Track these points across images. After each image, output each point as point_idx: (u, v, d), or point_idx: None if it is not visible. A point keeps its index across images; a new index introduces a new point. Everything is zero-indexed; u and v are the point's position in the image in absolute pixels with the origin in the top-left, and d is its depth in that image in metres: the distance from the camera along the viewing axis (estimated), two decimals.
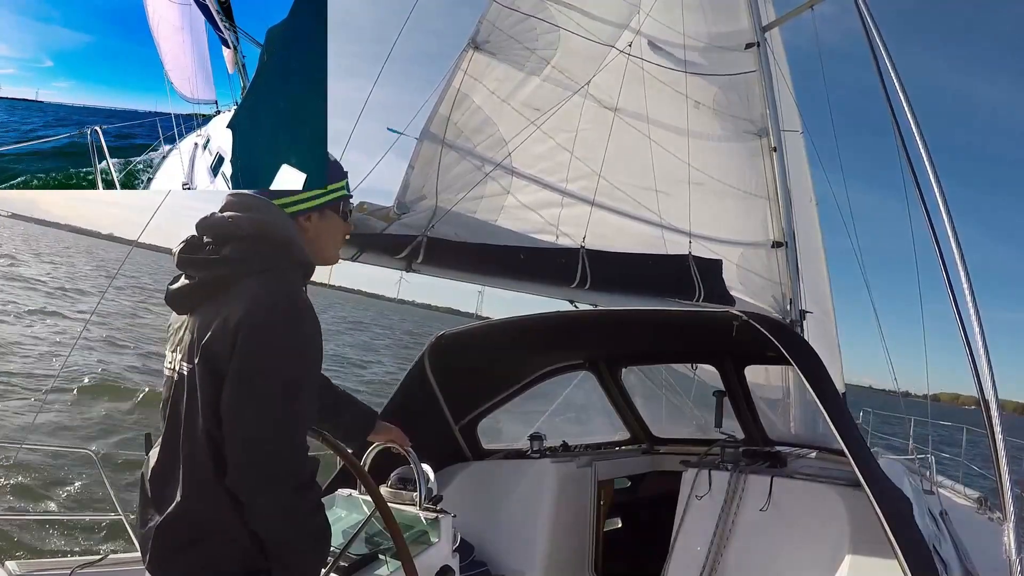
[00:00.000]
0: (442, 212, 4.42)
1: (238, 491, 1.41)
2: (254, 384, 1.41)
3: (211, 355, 1.44)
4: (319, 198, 1.66)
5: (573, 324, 4.15)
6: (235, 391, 1.41)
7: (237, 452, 1.40)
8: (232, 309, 1.44)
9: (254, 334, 1.41)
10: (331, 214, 1.71)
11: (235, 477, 1.41)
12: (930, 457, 5.80)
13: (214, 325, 1.45)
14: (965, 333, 2.27)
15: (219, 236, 1.54)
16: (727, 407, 4.11)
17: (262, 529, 1.44)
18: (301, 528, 1.45)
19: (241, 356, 1.40)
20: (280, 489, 1.41)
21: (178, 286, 1.58)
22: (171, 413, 1.55)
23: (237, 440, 1.40)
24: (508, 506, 3.68)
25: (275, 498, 1.41)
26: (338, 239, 1.76)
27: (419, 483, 2.44)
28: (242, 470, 1.40)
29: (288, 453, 1.42)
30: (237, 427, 1.41)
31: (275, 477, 1.40)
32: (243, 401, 1.41)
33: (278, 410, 1.41)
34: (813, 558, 2.82)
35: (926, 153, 2.58)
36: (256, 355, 1.41)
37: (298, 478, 1.43)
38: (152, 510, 1.55)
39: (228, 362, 1.41)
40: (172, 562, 1.50)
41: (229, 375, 1.41)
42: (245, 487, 1.41)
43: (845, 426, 2.63)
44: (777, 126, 5.97)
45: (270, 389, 1.41)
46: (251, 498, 1.41)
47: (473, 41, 4.90)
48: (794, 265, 5.73)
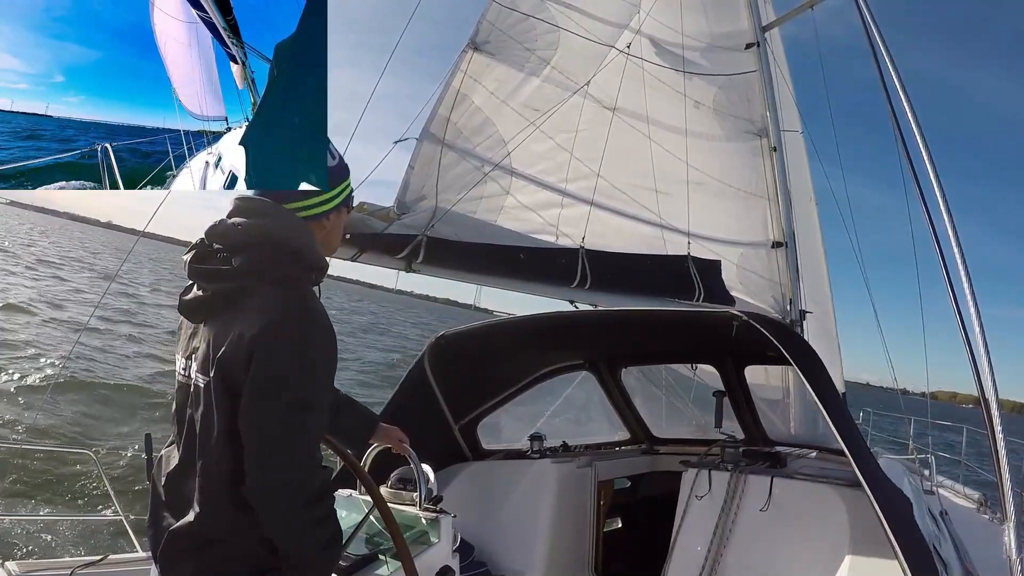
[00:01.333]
0: (442, 212, 4.42)
1: (252, 502, 1.45)
2: (267, 402, 1.43)
3: (226, 370, 1.46)
4: (336, 198, 1.69)
5: (573, 324, 4.15)
6: (250, 408, 1.43)
7: (252, 466, 1.44)
8: (246, 324, 1.45)
9: (268, 351, 1.43)
10: (343, 210, 1.75)
11: (249, 488, 1.45)
12: (930, 457, 5.80)
13: (229, 340, 1.46)
14: (965, 331, 2.27)
15: (229, 244, 1.53)
16: (727, 407, 4.11)
17: (274, 537, 1.48)
18: (310, 539, 1.50)
19: (256, 375, 1.43)
20: (291, 503, 1.45)
21: (190, 297, 1.58)
22: (188, 421, 1.56)
23: (252, 454, 1.44)
24: (508, 506, 3.68)
25: (286, 511, 1.45)
26: (342, 229, 1.80)
27: (419, 483, 2.44)
28: (255, 483, 1.44)
29: (300, 468, 1.46)
30: (252, 442, 1.44)
31: (286, 491, 1.44)
32: (257, 418, 1.44)
33: (292, 428, 1.44)
34: (813, 558, 2.82)
35: (926, 150, 2.58)
36: (270, 373, 1.43)
37: (309, 492, 1.47)
38: (166, 512, 1.58)
39: (243, 377, 1.44)
40: (183, 563, 1.53)
41: (244, 391, 1.43)
42: (258, 499, 1.44)
43: (845, 426, 2.63)
44: (777, 126, 5.97)
45: (283, 407, 1.43)
46: (263, 510, 1.45)
47: (473, 42, 4.90)
48: (794, 265, 5.73)
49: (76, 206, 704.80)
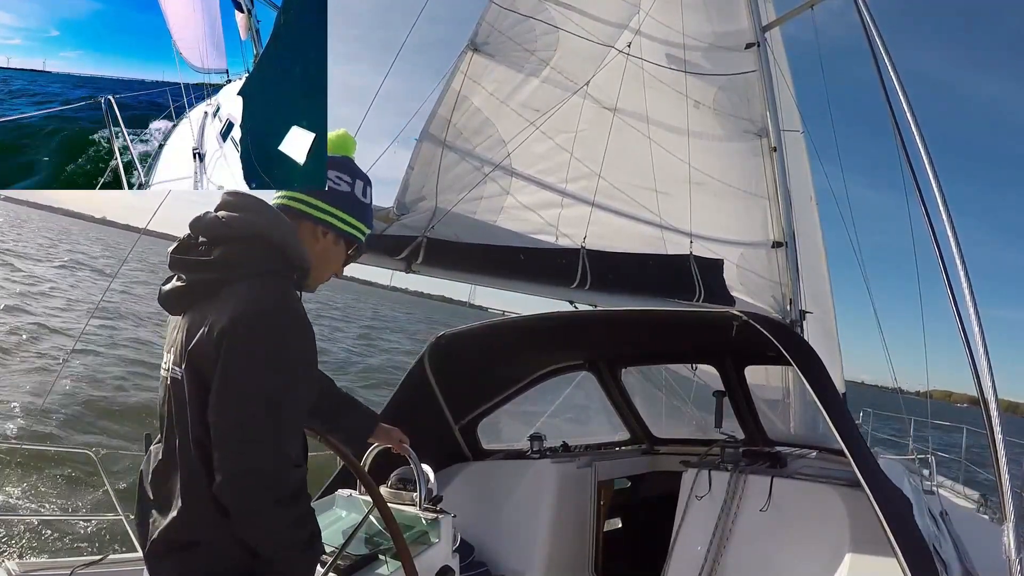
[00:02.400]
0: (442, 213, 4.42)
1: (221, 499, 1.41)
2: (235, 397, 1.40)
3: (197, 362, 1.44)
4: (346, 224, 1.68)
5: (573, 324, 4.15)
6: (217, 402, 1.40)
7: (219, 463, 1.40)
8: (218, 316, 1.43)
9: (236, 345, 1.40)
10: (344, 245, 1.73)
11: (218, 487, 1.41)
12: (930, 457, 5.80)
13: (200, 331, 1.44)
14: (964, 332, 2.27)
15: (211, 237, 1.53)
16: (727, 407, 4.10)
17: (245, 537, 1.44)
18: (283, 541, 1.45)
19: (223, 368, 1.39)
20: (260, 503, 1.40)
21: (169, 288, 1.57)
22: (167, 415, 1.55)
23: (219, 451, 1.40)
24: (508, 506, 3.68)
25: (256, 511, 1.41)
26: (335, 269, 1.77)
27: (419, 483, 2.44)
28: (224, 481, 1.39)
29: (269, 467, 1.41)
30: (219, 438, 1.40)
31: (255, 490, 1.40)
32: (224, 413, 1.40)
33: (259, 423, 1.40)
34: (813, 558, 2.82)
35: (925, 150, 2.58)
36: (237, 367, 1.40)
37: (279, 492, 1.42)
38: (151, 510, 1.56)
39: (212, 369, 1.41)
40: (168, 561, 1.51)
41: (213, 385, 1.41)
42: (226, 498, 1.40)
43: (845, 426, 2.63)
44: (777, 126, 5.97)
45: (251, 402, 1.39)
46: (232, 509, 1.41)
47: (472, 43, 4.91)
48: (794, 265, 5.73)
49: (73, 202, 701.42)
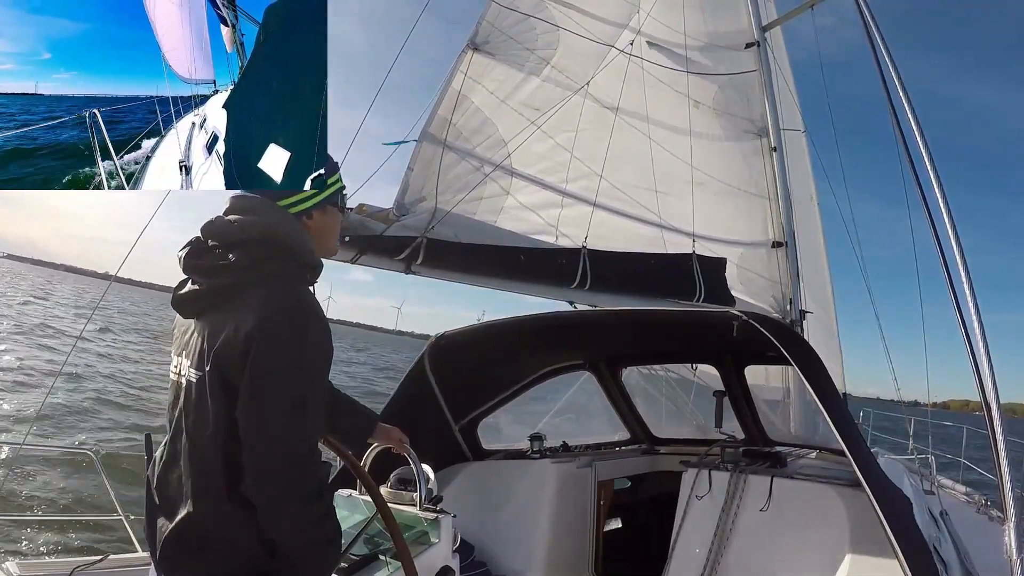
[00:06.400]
0: (442, 213, 4.41)
1: (252, 498, 1.45)
2: (265, 399, 1.43)
3: (222, 365, 1.46)
4: (320, 195, 1.68)
5: (573, 324, 4.14)
6: (247, 405, 1.44)
7: (250, 463, 1.44)
8: (242, 320, 1.46)
9: (264, 349, 1.43)
10: (331, 208, 1.73)
11: (249, 485, 1.45)
12: (930, 457, 5.80)
13: (224, 334, 1.47)
14: (967, 334, 2.27)
15: (225, 241, 1.55)
16: (727, 407, 4.10)
17: (274, 535, 1.48)
18: (310, 536, 1.49)
19: (252, 370, 1.43)
20: (290, 500, 1.44)
21: (186, 291, 1.59)
22: (178, 419, 1.56)
23: (250, 451, 1.44)
24: (508, 506, 3.68)
25: (285, 508, 1.45)
26: (337, 230, 1.80)
27: (419, 483, 2.44)
28: (255, 480, 1.44)
29: (298, 465, 1.45)
30: (250, 439, 1.44)
31: (285, 488, 1.44)
32: (255, 415, 1.44)
33: (288, 424, 1.44)
34: (813, 558, 2.81)
35: (928, 156, 2.58)
36: (267, 370, 1.43)
37: (307, 488, 1.46)
38: (160, 514, 1.57)
39: (239, 372, 1.44)
40: (182, 565, 1.53)
41: (242, 386, 1.44)
42: (257, 496, 1.45)
43: (845, 426, 2.63)
44: (777, 125, 5.96)
45: (280, 404, 1.43)
46: (262, 507, 1.45)
47: (472, 42, 4.90)
48: (794, 265, 5.73)
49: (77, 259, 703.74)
